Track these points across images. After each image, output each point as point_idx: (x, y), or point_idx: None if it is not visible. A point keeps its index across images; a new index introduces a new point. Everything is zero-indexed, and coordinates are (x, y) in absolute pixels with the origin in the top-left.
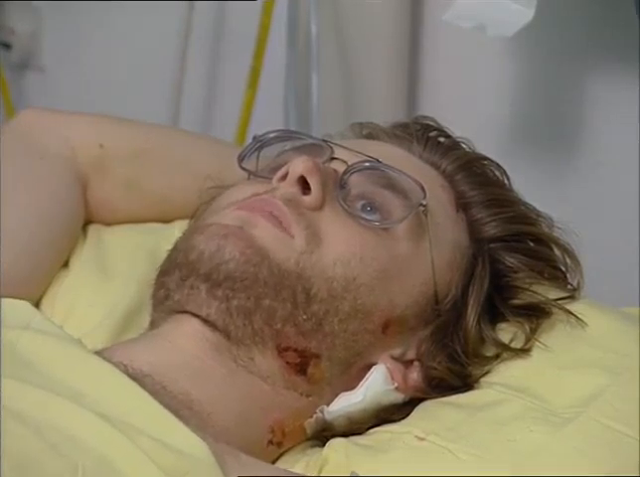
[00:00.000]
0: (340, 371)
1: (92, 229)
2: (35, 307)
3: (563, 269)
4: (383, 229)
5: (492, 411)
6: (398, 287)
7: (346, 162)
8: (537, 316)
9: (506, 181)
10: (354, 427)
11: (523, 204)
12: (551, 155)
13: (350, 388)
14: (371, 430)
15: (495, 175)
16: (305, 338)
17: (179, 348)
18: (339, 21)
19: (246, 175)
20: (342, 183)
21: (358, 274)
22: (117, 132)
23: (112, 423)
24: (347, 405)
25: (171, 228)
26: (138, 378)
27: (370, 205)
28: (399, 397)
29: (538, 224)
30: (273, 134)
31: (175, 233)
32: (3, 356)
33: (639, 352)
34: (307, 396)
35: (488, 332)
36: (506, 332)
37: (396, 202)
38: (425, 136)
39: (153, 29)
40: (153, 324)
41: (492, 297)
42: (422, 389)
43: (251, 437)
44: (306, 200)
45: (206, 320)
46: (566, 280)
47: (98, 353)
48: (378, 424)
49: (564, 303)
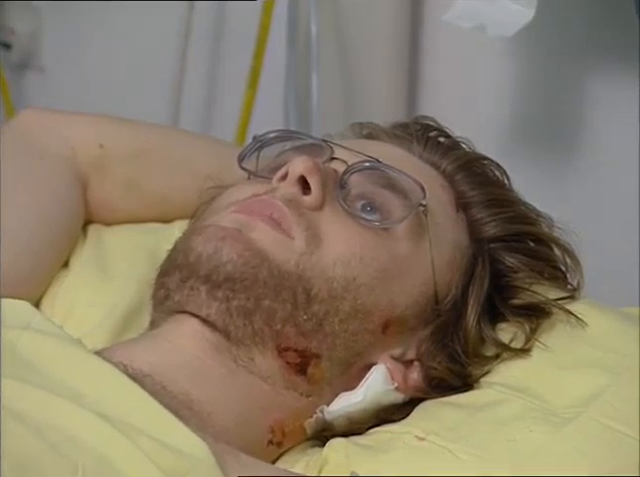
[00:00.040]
0: (340, 371)
1: (92, 229)
2: (35, 307)
3: (563, 269)
4: (383, 229)
5: (492, 411)
6: (398, 287)
7: (346, 162)
8: (537, 316)
9: (506, 181)
10: (354, 427)
11: (523, 204)
12: (551, 155)
13: (350, 388)
14: (371, 430)
15: (495, 175)
16: (305, 338)
17: (179, 348)
18: (339, 21)
19: (246, 175)
20: (342, 183)
21: (358, 274)
22: (117, 132)
23: (112, 423)
24: (347, 405)
25: (171, 228)
26: (138, 378)
27: (370, 205)
28: (399, 397)
29: (538, 224)
30: (273, 134)
31: (175, 233)
32: (3, 356)
33: (639, 352)
34: (307, 396)
35: (488, 332)
36: (506, 332)
37: (396, 202)
38: (425, 136)
39: (153, 29)
40: (153, 324)
41: (492, 297)
42: (422, 389)
43: (251, 437)
44: (306, 200)
45: (206, 320)
46: (566, 280)
47: (98, 353)
48: (378, 424)
49: (565, 303)
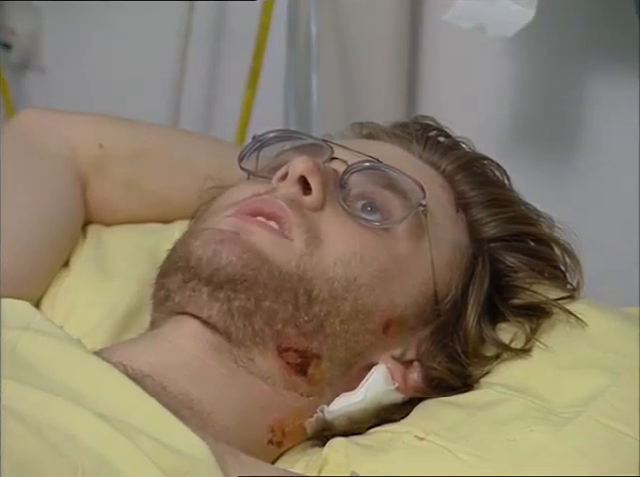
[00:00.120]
0: (340, 371)
1: (92, 229)
2: (35, 307)
3: (564, 269)
4: (383, 228)
5: (492, 411)
6: (398, 287)
7: (346, 162)
8: (537, 316)
9: (506, 181)
10: (354, 427)
11: (523, 204)
12: (551, 155)
13: (350, 388)
14: (371, 430)
15: (495, 175)
16: (306, 338)
17: (179, 348)
18: (339, 21)
19: (246, 175)
20: (342, 183)
21: (358, 275)
22: (117, 132)
23: (112, 423)
24: (347, 405)
25: (171, 228)
26: (138, 378)
27: (370, 205)
28: (399, 397)
29: (538, 223)
30: (273, 134)
31: (175, 233)
32: (3, 356)
33: (639, 352)
34: (308, 396)
35: (488, 332)
36: (506, 332)
37: (396, 202)
38: (425, 136)
39: (153, 29)
40: (153, 324)
41: (492, 297)
42: (423, 388)
43: (252, 437)
44: (307, 200)
45: (206, 322)
46: (566, 280)
47: (98, 353)
48: (378, 424)
49: (565, 303)
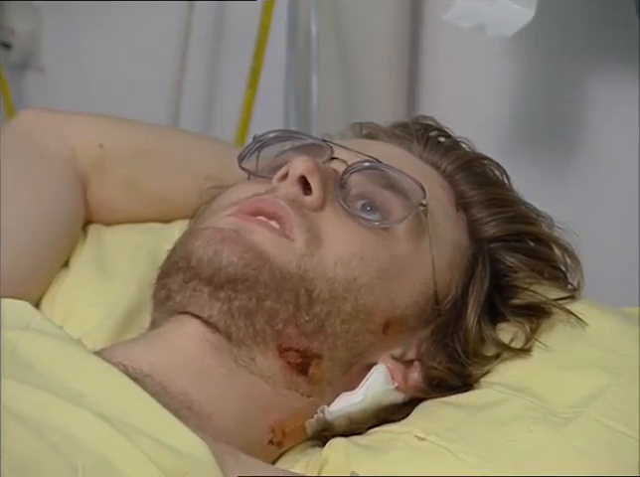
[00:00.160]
0: (341, 371)
1: (92, 229)
2: (35, 307)
3: (564, 269)
4: (383, 228)
5: (492, 411)
6: (398, 287)
7: (346, 162)
8: (537, 316)
9: (506, 181)
10: (354, 427)
11: (523, 203)
12: (551, 155)
13: (350, 388)
14: (371, 430)
15: (495, 175)
16: (307, 339)
17: (179, 348)
18: (339, 21)
19: (246, 175)
20: (342, 183)
21: (359, 275)
22: (117, 132)
23: (112, 424)
24: (347, 405)
25: (171, 228)
26: (138, 378)
27: (370, 205)
28: (399, 397)
29: (538, 223)
30: (273, 134)
31: (175, 233)
32: (3, 356)
33: (639, 352)
34: (308, 396)
35: (488, 332)
36: (506, 332)
37: (395, 202)
38: (425, 136)
39: (153, 29)
40: (154, 324)
41: (492, 297)
42: (423, 388)
43: (252, 437)
44: (307, 200)
45: (207, 321)
46: (567, 280)
47: (98, 353)
48: (378, 424)
49: (565, 303)
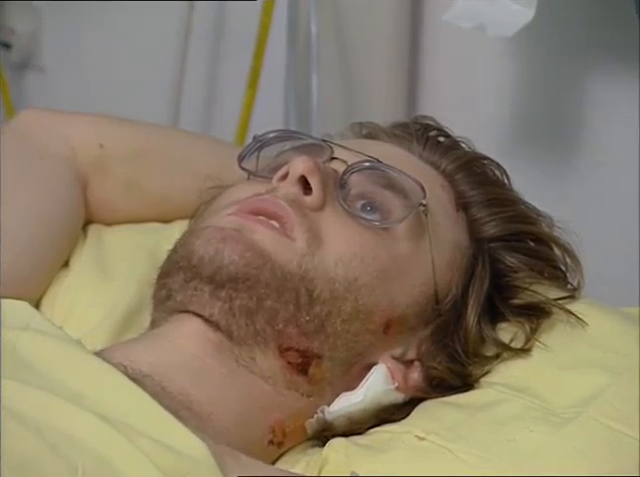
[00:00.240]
0: (341, 371)
1: (92, 229)
2: (35, 307)
3: (564, 269)
4: (383, 228)
5: (492, 411)
6: (398, 287)
7: (346, 162)
8: (537, 316)
9: (506, 181)
10: (354, 427)
11: (523, 203)
12: (551, 155)
13: (351, 388)
14: (371, 430)
15: (495, 174)
16: (307, 338)
17: (179, 348)
18: (339, 21)
19: (246, 175)
20: (342, 183)
21: (359, 275)
22: (117, 132)
23: (112, 424)
24: (347, 405)
25: (171, 228)
26: (138, 378)
27: (370, 204)
28: (399, 397)
29: (538, 223)
30: (273, 134)
31: (175, 233)
32: (3, 356)
33: (639, 352)
34: (308, 396)
35: (488, 332)
36: (506, 332)
37: (396, 202)
38: (425, 136)
39: (153, 29)
40: (154, 323)
41: (492, 297)
42: (423, 388)
43: (252, 437)
44: (307, 200)
45: (208, 320)
46: (567, 280)
47: (98, 353)
48: (378, 424)
49: (565, 303)
